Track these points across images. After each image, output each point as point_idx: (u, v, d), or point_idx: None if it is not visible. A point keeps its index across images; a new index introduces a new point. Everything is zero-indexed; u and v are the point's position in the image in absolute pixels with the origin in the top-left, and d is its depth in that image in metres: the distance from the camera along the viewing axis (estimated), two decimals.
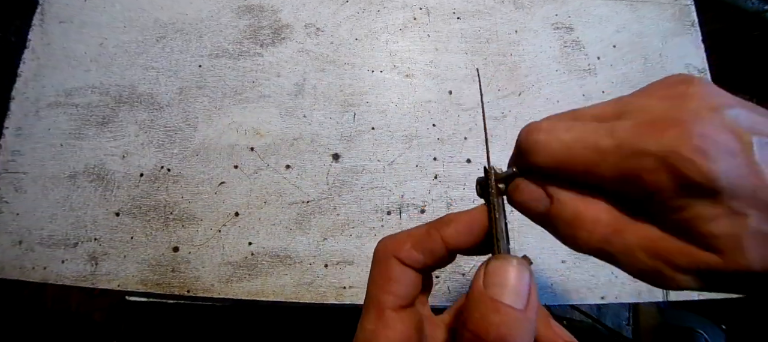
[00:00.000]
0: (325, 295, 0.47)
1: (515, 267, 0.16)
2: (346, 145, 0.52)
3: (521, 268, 0.16)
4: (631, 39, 0.59)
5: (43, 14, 0.54)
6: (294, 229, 0.49)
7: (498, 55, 0.57)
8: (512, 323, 0.15)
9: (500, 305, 0.15)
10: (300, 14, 0.56)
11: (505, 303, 0.15)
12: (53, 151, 0.49)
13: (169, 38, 0.54)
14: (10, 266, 0.46)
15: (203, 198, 0.49)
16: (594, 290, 0.49)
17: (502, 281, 0.16)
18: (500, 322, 0.15)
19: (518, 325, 0.15)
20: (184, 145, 0.50)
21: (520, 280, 0.16)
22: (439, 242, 0.19)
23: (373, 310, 0.19)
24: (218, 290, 0.46)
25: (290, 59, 0.54)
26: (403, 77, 0.55)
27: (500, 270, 0.16)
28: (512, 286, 0.16)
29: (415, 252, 0.19)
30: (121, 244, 0.47)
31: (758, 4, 1.27)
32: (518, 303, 0.15)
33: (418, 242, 0.19)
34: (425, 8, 0.58)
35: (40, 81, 0.51)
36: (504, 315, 0.15)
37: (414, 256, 0.19)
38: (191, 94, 0.52)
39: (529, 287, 0.16)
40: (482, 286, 0.16)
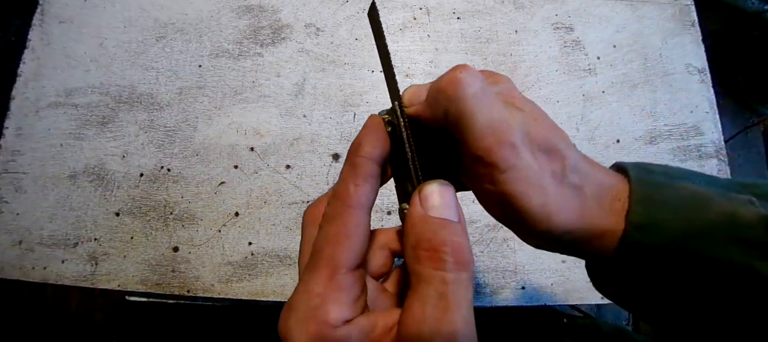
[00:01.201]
0: None
1: (444, 187, 0.18)
2: (346, 145, 0.52)
3: (447, 187, 0.18)
4: (631, 39, 0.59)
5: (43, 14, 0.54)
6: (294, 229, 0.49)
7: (498, 55, 0.57)
8: (457, 232, 0.17)
9: (445, 220, 0.17)
10: (300, 14, 0.56)
11: (446, 218, 0.17)
12: (53, 151, 0.49)
13: (169, 38, 0.54)
14: (10, 266, 0.46)
15: (203, 198, 0.49)
16: (594, 290, 0.49)
17: (437, 202, 0.17)
18: (449, 232, 0.17)
19: (461, 233, 0.17)
20: (184, 145, 0.50)
21: (451, 198, 0.18)
22: (366, 162, 0.19)
23: (323, 270, 0.17)
24: (218, 290, 0.46)
25: (290, 59, 0.54)
26: (403, 77, 0.55)
27: (434, 193, 0.18)
28: (447, 203, 0.18)
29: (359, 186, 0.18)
30: (121, 244, 0.47)
31: (758, 4, 1.27)
32: (454, 216, 0.17)
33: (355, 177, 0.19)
34: (425, 8, 0.58)
35: (40, 81, 0.51)
36: (450, 227, 0.17)
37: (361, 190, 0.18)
38: (191, 94, 0.52)
39: (455, 201, 0.18)
40: (421, 210, 0.17)
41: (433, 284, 0.16)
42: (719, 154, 0.56)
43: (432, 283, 0.16)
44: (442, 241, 0.16)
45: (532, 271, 0.49)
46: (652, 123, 0.56)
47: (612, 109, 0.56)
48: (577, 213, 0.19)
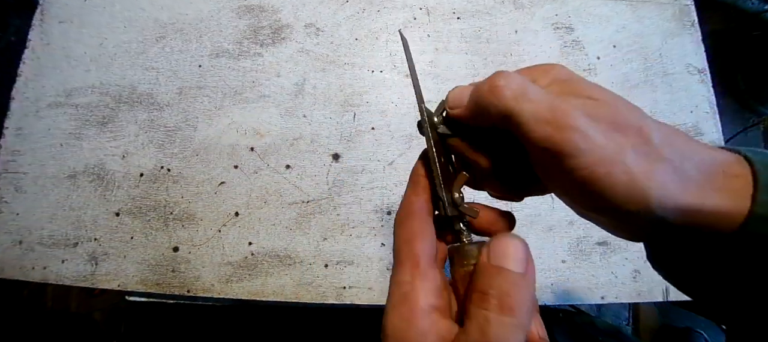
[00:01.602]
0: (325, 295, 0.47)
1: (514, 241, 0.19)
2: (346, 145, 0.52)
3: (519, 241, 0.19)
4: (631, 39, 0.59)
5: (43, 14, 0.54)
6: (294, 229, 0.49)
7: (498, 55, 0.57)
8: (514, 283, 0.18)
9: (503, 270, 0.18)
10: (300, 14, 0.56)
11: (507, 268, 0.18)
12: (53, 151, 0.49)
13: (169, 38, 0.54)
14: (10, 266, 0.46)
15: (203, 198, 0.49)
16: (594, 290, 0.49)
17: (503, 253, 0.18)
18: (503, 282, 0.18)
19: (519, 285, 0.18)
20: (184, 145, 0.50)
21: (518, 250, 0.19)
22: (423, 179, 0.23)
23: (407, 263, 0.20)
24: (218, 290, 0.46)
25: (290, 59, 0.54)
26: (403, 77, 0.55)
27: (501, 244, 0.19)
28: (512, 255, 0.18)
29: (418, 196, 0.22)
30: (121, 244, 0.47)
31: (758, 4, 1.27)
32: (518, 268, 0.18)
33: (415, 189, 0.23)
34: (425, 8, 0.58)
35: (40, 81, 0.51)
36: (506, 277, 0.18)
37: (420, 199, 0.22)
38: (191, 94, 0.52)
39: (526, 256, 0.19)
40: (486, 259, 0.19)
41: (477, 320, 0.17)
42: None
43: (476, 319, 0.17)
44: (491, 285, 0.18)
45: None
46: None
47: None
48: (678, 187, 0.18)
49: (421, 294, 0.19)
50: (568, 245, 0.50)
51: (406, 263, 0.20)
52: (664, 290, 0.49)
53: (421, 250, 0.20)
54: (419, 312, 0.18)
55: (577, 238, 0.50)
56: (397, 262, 0.21)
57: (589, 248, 0.50)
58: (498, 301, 0.17)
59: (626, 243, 0.51)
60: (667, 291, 0.49)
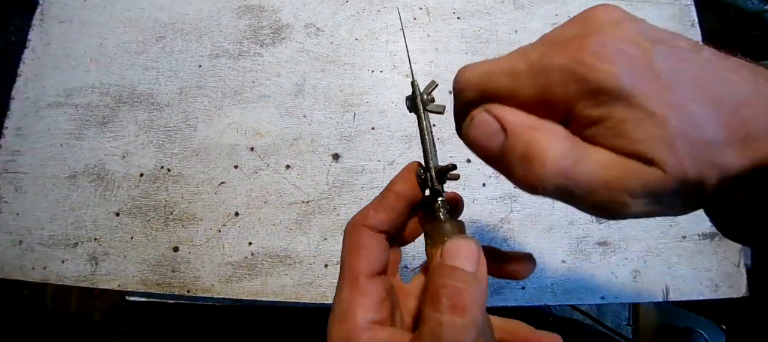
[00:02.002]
0: (325, 295, 0.47)
1: (465, 242, 0.19)
2: (346, 145, 0.52)
3: (470, 241, 0.19)
4: None
5: (43, 14, 0.54)
6: (294, 229, 0.49)
7: (498, 55, 0.57)
8: (464, 281, 0.18)
9: (454, 269, 0.18)
10: (300, 14, 0.56)
11: (457, 266, 0.18)
12: (53, 151, 0.49)
13: (169, 38, 0.54)
14: (10, 266, 0.46)
15: (203, 198, 0.49)
16: (594, 290, 0.49)
17: (454, 253, 0.19)
18: (454, 282, 0.18)
19: (469, 283, 0.18)
20: (184, 145, 0.50)
21: (469, 249, 0.19)
22: (393, 196, 0.22)
23: (347, 280, 0.20)
24: (218, 290, 0.46)
25: (290, 59, 0.54)
26: (403, 77, 0.55)
27: (453, 245, 0.19)
28: (463, 254, 0.19)
29: (378, 213, 0.22)
30: (121, 244, 0.47)
31: (758, 4, 1.27)
32: (469, 266, 0.18)
33: (377, 205, 0.22)
34: (425, 8, 0.58)
35: (40, 81, 0.51)
36: (457, 276, 0.18)
37: (379, 216, 0.22)
38: (191, 94, 0.52)
39: (477, 255, 0.19)
40: (439, 258, 0.19)
41: (430, 323, 0.17)
42: None
43: (429, 322, 0.17)
44: (443, 285, 0.18)
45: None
46: None
47: None
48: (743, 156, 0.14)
49: (359, 311, 0.19)
50: (568, 245, 0.50)
51: (346, 280, 0.20)
52: (664, 290, 0.49)
53: (361, 266, 0.20)
54: (358, 329, 0.19)
55: (577, 238, 0.50)
56: (339, 278, 0.21)
57: (589, 248, 0.50)
58: (449, 301, 0.17)
59: (626, 243, 0.51)
60: (667, 291, 0.49)
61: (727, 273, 0.49)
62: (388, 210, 0.22)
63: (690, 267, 0.50)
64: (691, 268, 0.49)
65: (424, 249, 0.22)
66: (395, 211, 0.22)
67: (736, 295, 0.49)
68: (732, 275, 0.49)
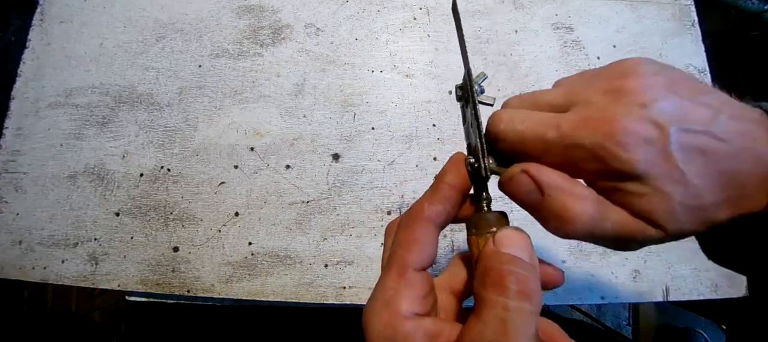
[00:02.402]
0: (325, 295, 0.47)
1: (519, 233, 0.19)
2: (346, 145, 0.52)
3: (523, 233, 0.19)
4: (631, 39, 0.59)
5: (43, 14, 0.54)
6: (294, 229, 0.49)
7: (498, 55, 0.57)
8: (526, 268, 0.18)
9: (514, 257, 0.18)
10: (300, 14, 0.56)
11: (519, 257, 0.18)
12: (53, 151, 0.49)
13: (169, 38, 0.54)
14: (10, 266, 0.46)
15: (203, 198, 0.49)
16: (594, 290, 0.49)
17: (510, 243, 0.19)
18: (517, 266, 0.18)
19: (532, 272, 0.18)
20: (184, 145, 0.50)
21: (524, 240, 0.19)
22: (446, 188, 0.22)
23: (395, 269, 0.20)
24: (218, 290, 0.46)
25: (290, 59, 0.54)
26: (403, 77, 0.55)
27: (508, 234, 0.19)
28: (521, 245, 0.19)
29: (433, 205, 0.21)
30: (121, 244, 0.47)
31: (758, 4, 1.27)
32: (526, 256, 0.18)
33: (432, 196, 0.22)
34: (425, 8, 0.58)
35: (40, 81, 0.51)
36: (518, 262, 0.18)
37: (434, 208, 0.21)
38: (191, 94, 0.52)
39: (531, 246, 0.19)
40: (492, 246, 0.19)
41: (495, 309, 0.17)
42: None
43: (495, 307, 0.17)
44: (509, 272, 0.18)
45: None
46: None
47: None
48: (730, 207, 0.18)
49: (404, 301, 0.19)
50: (568, 245, 0.50)
51: (393, 270, 0.20)
52: (664, 290, 0.49)
53: (412, 259, 0.20)
54: (401, 317, 0.19)
55: None
56: (386, 268, 0.21)
57: (589, 248, 0.50)
58: (517, 286, 0.17)
59: None
60: (667, 291, 0.49)
61: (727, 273, 0.49)
62: (443, 201, 0.21)
63: (690, 267, 0.50)
64: (691, 268, 0.49)
65: (467, 239, 0.22)
66: (449, 202, 0.22)
67: (736, 295, 0.49)
68: (732, 275, 0.49)
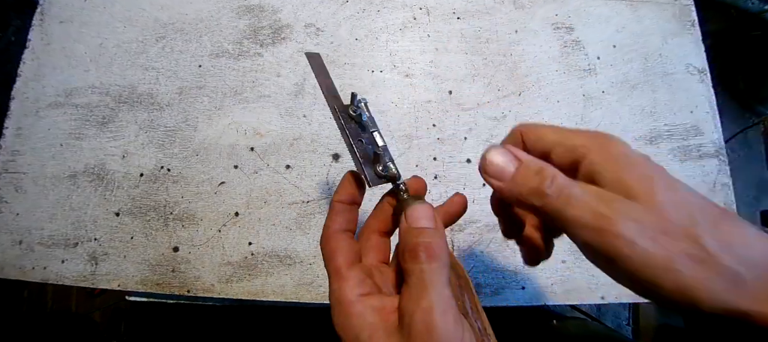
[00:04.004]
0: (325, 295, 0.47)
1: (420, 204, 0.24)
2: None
3: (424, 203, 0.25)
4: (631, 39, 0.59)
5: (43, 14, 0.54)
6: (294, 229, 0.49)
7: (498, 55, 0.57)
8: (429, 235, 0.23)
9: (420, 229, 0.23)
10: (300, 14, 0.56)
11: (423, 226, 0.23)
12: (53, 151, 0.49)
13: (169, 38, 0.54)
14: (10, 266, 0.46)
15: (203, 198, 0.49)
16: (594, 290, 0.49)
17: (416, 216, 0.24)
18: (423, 236, 0.23)
19: (433, 236, 0.23)
20: (184, 145, 0.50)
21: (427, 210, 0.24)
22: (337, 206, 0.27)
23: (333, 276, 0.25)
24: (218, 290, 0.46)
25: (290, 59, 0.54)
26: (403, 77, 0.55)
27: (413, 210, 0.24)
28: (424, 216, 0.24)
29: (334, 222, 0.27)
30: (121, 244, 0.47)
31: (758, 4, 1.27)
32: (430, 224, 0.23)
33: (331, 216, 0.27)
34: (425, 8, 0.58)
35: (40, 81, 0.51)
36: (424, 233, 0.23)
37: (336, 222, 0.27)
38: (191, 94, 0.52)
39: (432, 213, 0.24)
40: (405, 224, 0.24)
41: (414, 274, 0.22)
42: (719, 154, 0.56)
43: (413, 273, 0.22)
44: (417, 243, 0.22)
45: (532, 271, 0.49)
46: (652, 123, 0.56)
47: (612, 109, 0.56)
48: (732, 295, 0.18)
49: (347, 292, 0.24)
50: (569, 245, 0.50)
51: (332, 276, 0.25)
52: None
53: (340, 263, 0.25)
54: (350, 304, 0.23)
55: None
56: (328, 276, 0.25)
57: None
58: (425, 252, 0.22)
59: None
60: None
61: None
62: (338, 215, 0.27)
63: None
64: None
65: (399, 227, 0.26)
66: (344, 213, 0.27)
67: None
68: None
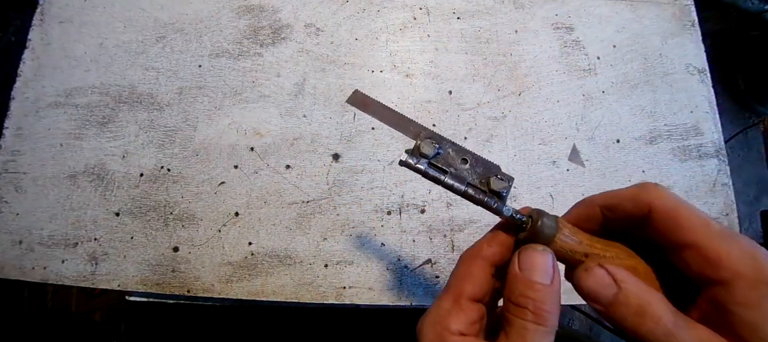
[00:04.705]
0: (325, 295, 0.47)
1: (540, 253, 0.21)
2: (346, 145, 0.52)
3: (545, 253, 0.21)
4: (631, 39, 0.59)
5: (43, 14, 0.54)
6: (294, 229, 0.49)
7: (498, 55, 0.57)
8: (543, 294, 0.20)
9: (533, 282, 0.21)
10: (300, 14, 0.56)
11: (536, 280, 0.21)
12: (53, 151, 0.49)
13: (169, 38, 0.54)
14: (10, 266, 0.46)
15: (203, 198, 0.49)
16: None
17: (531, 265, 0.21)
18: (534, 292, 0.20)
19: (547, 295, 0.20)
20: (184, 145, 0.50)
21: (545, 263, 0.21)
22: (503, 236, 0.24)
23: (452, 294, 0.23)
24: (218, 290, 0.46)
25: (290, 59, 0.54)
26: (403, 77, 0.55)
27: (529, 256, 0.21)
28: (541, 267, 0.21)
29: (490, 247, 0.24)
30: (121, 244, 0.47)
31: (758, 4, 1.27)
32: (546, 279, 0.21)
33: (490, 240, 0.25)
34: (425, 8, 0.58)
35: (40, 81, 0.51)
36: (537, 289, 0.20)
37: (491, 250, 0.24)
38: (191, 94, 0.52)
39: (552, 267, 0.21)
40: (517, 270, 0.21)
41: (515, 328, 0.20)
42: (719, 154, 0.56)
43: (515, 327, 0.20)
44: (526, 297, 0.20)
45: None
46: (652, 123, 0.56)
47: (612, 109, 0.56)
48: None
49: (453, 321, 0.22)
50: None
51: (450, 294, 0.23)
52: None
53: (466, 289, 0.23)
54: (450, 334, 0.22)
55: None
56: (445, 290, 0.24)
57: None
58: (533, 310, 0.20)
59: None
60: None
61: None
62: (499, 244, 0.24)
63: None
64: None
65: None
66: (502, 247, 0.24)
67: None
68: None
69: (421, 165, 0.24)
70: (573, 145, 0.54)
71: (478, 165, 0.25)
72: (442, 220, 0.50)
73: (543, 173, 0.52)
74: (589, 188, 0.52)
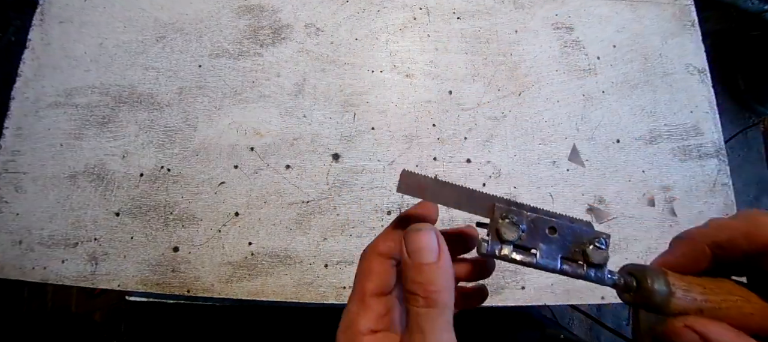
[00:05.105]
0: (325, 295, 0.47)
1: (423, 232, 0.21)
2: (346, 145, 0.52)
3: (427, 231, 0.21)
4: (631, 39, 0.59)
5: (43, 14, 0.54)
6: (294, 229, 0.49)
7: (498, 55, 0.57)
8: (431, 274, 0.20)
9: (420, 266, 0.21)
10: (300, 14, 0.56)
11: (423, 262, 0.21)
12: (53, 151, 0.49)
13: (169, 38, 0.54)
14: (10, 266, 0.46)
15: (203, 198, 0.49)
16: (594, 290, 0.49)
17: (417, 247, 0.21)
18: (421, 278, 0.20)
19: (434, 274, 0.20)
20: (184, 145, 0.50)
21: (429, 241, 0.21)
22: (397, 231, 0.24)
23: (356, 296, 0.24)
24: (218, 290, 0.46)
25: (290, 59, 0.54)
26: (403, 77, 0.55)
27: (413, 239, 0.21)
28: (425, 246, 0.21)
29: (386, 242, 0.24)
30: (121, 244, 0.47)
31: (758, 4, 1.27)
32: (431, 257, 0.21)
33: (386, 236, 0.25)
34: (425, 8, 0.58)
35: (40, 81, 0.51)
36: (423, 271, 0.20)
37: (387, 244, 0.24)
38: (191, 94, 0.52)
39: (437, 244, 0.21)
40: (406, 257, 0.21)
41: (411, 316, 0.20)
42: (719, 154, 0.56)
43: (411, 315, 0.21)
44: (416, 282, 0.20)
45: (531, 271, 0.49)
46: (652, 123, 0.56)
47: (612, 109, 0.56)
48: None
49: (362, 321, 0.22)
50: None
51: (355, 295, 0.24)
52: None
53: (368, 287, 0.23)
54: (359, 335, 0.22)
55: None
56: (351, 294, 0.24)
57: None
58: (423, 295, 0.20)
59: (626, 243, 0.51)
60: None
61: None
62: (389, 240, 0.24)
63: None
64: None
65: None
66: (396, 239, 0.24)
67: None
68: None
69: (507, 251, 0.21)
70: (573, 145, 0.54)
71: (565, 230, 0.22)
72: (441, 220, 0.50)
73: (543, 173, 0.52)
74: (589, 188, 0.52)
